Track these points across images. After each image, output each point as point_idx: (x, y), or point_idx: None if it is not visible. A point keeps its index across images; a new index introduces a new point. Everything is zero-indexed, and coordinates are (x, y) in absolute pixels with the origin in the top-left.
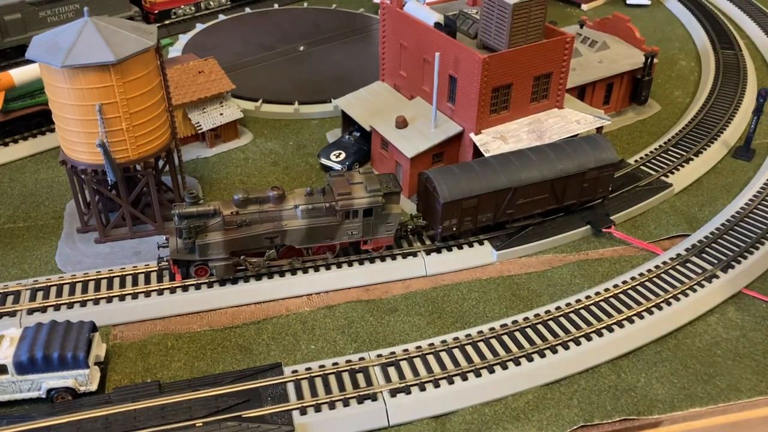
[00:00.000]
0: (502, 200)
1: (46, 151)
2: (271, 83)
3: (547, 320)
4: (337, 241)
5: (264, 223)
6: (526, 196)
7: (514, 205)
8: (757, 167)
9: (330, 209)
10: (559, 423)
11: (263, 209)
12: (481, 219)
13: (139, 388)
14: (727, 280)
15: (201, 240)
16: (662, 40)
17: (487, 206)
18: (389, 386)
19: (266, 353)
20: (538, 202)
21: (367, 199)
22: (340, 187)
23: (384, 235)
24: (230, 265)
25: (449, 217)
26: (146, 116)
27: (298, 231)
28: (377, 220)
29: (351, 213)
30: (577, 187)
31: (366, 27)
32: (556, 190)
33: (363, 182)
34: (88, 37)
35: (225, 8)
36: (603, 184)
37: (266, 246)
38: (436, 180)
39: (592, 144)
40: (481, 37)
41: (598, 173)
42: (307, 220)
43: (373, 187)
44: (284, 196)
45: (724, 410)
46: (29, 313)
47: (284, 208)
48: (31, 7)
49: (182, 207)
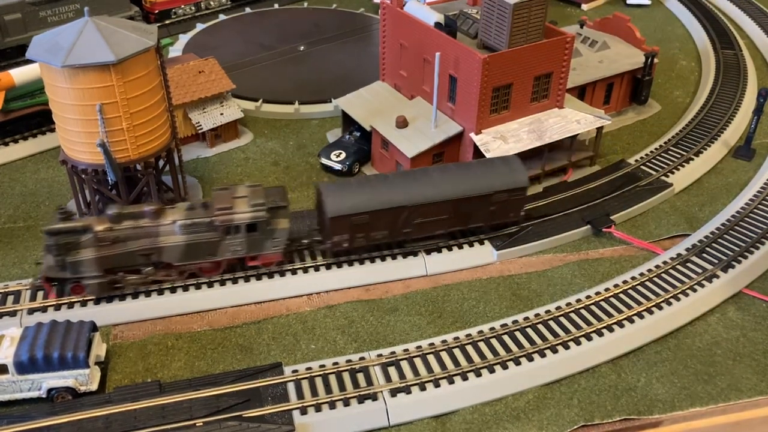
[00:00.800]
0: (397, 218)
1: (46, 151)
2: (272, 83)
3: (548, 320)
4: (220, 258)
5: (140, 239)
6: (425, 216)
7: (412, 224)
8: (757, 167)
9: (210, 224)
10: (560, 423)
11: (139, 224)
12: (375, 236)
13: (139, 387)
14: (728, 280)
15: (72, 257)
16: (662, 40)
17: (381, 223)
18: (389, 386)
19: (266, 353)
20: (439, 222)
21: (249, 214)
22: (221, 201)
23: (271, 251)
24: (105, 283)
25: (339, 232)
26: (146, 116)
27: (176, 247)
28: (263, 235)
29: (232, 228)
30: (483, 209)
31: (366, 27)
32: (460, 211)
33: (247, 196)
34: (89, 36)
35: (225, 8)
36: (513, 208)
37: (142, 263)
38: (326, 193)
39: (502, 166)
40: (482, 37)
41: (506, 196)
42: (186, 236)
43: (257, 202)
44: (163, 211)
45: (724, 410)
46: (30, 312)
47: (162, 224)
48: (32, 7)
49: (51, 223)
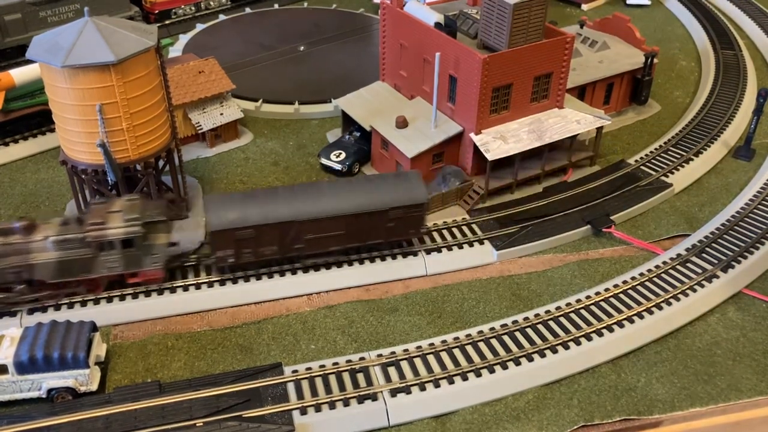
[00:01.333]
0: (286, 233)
1: (46, 151)
2: (271, 83)
3: (547, 320)
4: (96, 275)
5: (9, 256)
6: (316, 232)
7: (302, 240)
8: (757, 167)
9: (83, 240)
10: (560, 423)
11: (7, 242)
12: (263, 252)
13: (139, 388)
14: (727, 280)
15: None
16: (662, 40)
17: (269, 239)
18: (389, 386)
19: (266, 353)
20: (333, 238)
21: (122, 229)
22: (94, 216)
23: (151, 267)
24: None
25: (223, 247)
26: (146, 116)
27: (48, 264)
28: (140, 251)
29: (106, 244)
30: (380, 225)
31: (366, 27)
32: (354, 227)
33: (122, 210)
34: (89, 37)
35: (225, 8)
36: (412, 224)
37: (12, 281)
38: (208, 207)
39: (399, 182)
40: (482, 37)
41: (404, 212)
42: (58, 253)
43: (131, 216)
44: (35, 227)
45: (724, 410)
46: (30, 312)
47: (33, 240)
48: (32, 7)
49: None
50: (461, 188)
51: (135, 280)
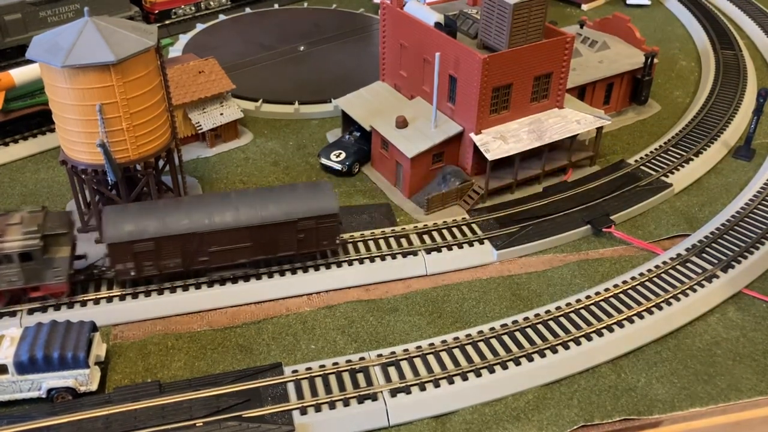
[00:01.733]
0: (188, 246)
1: (46, 151)
2: (271, 83)
3: (547, 320)
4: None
5: None
6: (221, 244)
7: (207, 252)
8: (757, 167)
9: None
10: (560, 423)
11: None
12: (166, 264)
13: (139, 388)
14: (727, 280)
15: None
16: (662, 40)
17: (171, 251)
18: (389, 386)
19: (266, 353)
20: (240, 251)
21: (19, 242)
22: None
23: (53, 281)
24: None
25: (122, 260)
26: (146, 116)
27: None
28: (40, 265)
29: (3, 258)
30: (289, 237)
31: (366, 27)
32: (261, 239)
33: (21, 223)
34: (89, 37)
35: (225, 8)
36: (325, 235)
37: None
38: (104, 218)
39: (309, 192)
40: (482, 37)
41: (314, 224)
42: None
43: (29, 229)
44: None
45: (724, 410)
46: (30, 313)
47: None
48: (32, 7)
49: None
50: (461, 188)
51: (37, 294)
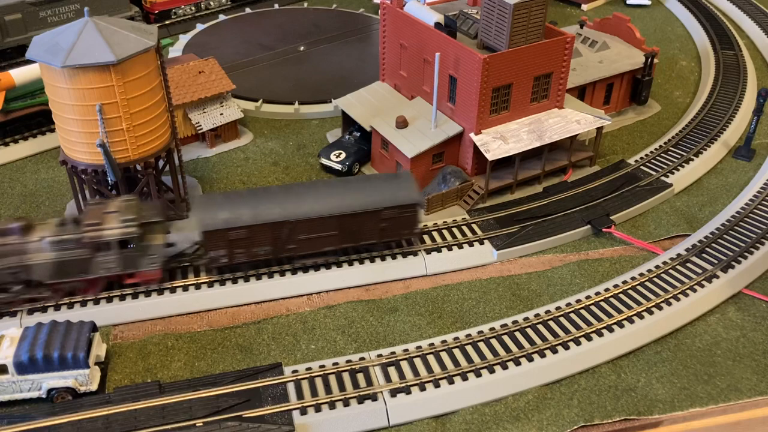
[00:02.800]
0: (279, 234)
1: (46, 151)
2: (271, 83)
3: (547, 320)
4: (94, 276)
5: (6, 257)
6: (310, 232)
7: (296, 240)
8: (757, 167)
9: (79, 241)
10: (559, 423)
11: (5, 242)
12: (257, 252)
13: (139, 388)
14: (727, 280)
15: None
16: (662, 40)
17: (262, 239)
18: (389, 386)
19: (266, 353)
20: (326, 239)
21: (119, 230)
22: (91, 217)
23: (148, 268)
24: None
25: (215, 248)
26: (146, 116)
27: (45, 265)
28: (137, 252)
29: (102, 245)
30: (373, 226)
31: (366, 27)
32: (347, 228)
33: (119, 211)
34: (89, 37)
35: (225, 8)
36: (405, 225)
37: (9, 281)
38: (199, 207)
39: (392, 183)
40: (482, 37)
41: (397, 213)
42: (55, 254)
43: (127, 217)
44: (31, 228)
45: (724, 410)
46: (29, 313)
47: (29, 241)
48: (32, 7)
49: None
50: (461, 188)
51: (132, 281)
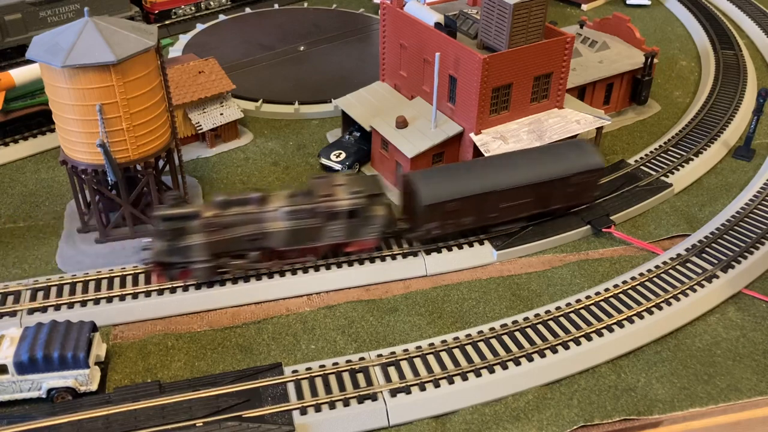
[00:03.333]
0: (485, 203)
1: (46, 151)
2: (271, 83)
3: (547, 320)
4: (320, 243)
5: (246, 225)
6: (510, 200)
7: (498, 209)
8: (757, 167)
9: (313, 211)
10: (559, 423)
11: (245, 211)
12: (464, 222)
13: (139, 388)
14: (727, 280)
15: (182, 242)
16: (662, 40)
17: (469, 209)
18: (389, 386)
19: (266, 353)
20: (523, 206)
21: (350, 201)
22: (323, 189)
23: (367, 237)
24: (212, 268)
25: (431, 220)
26: (146, 116)
27: (281, 233)
28: (361, 222)
29: (334, 215)
30: (562, 191)
31: (366, 27)
32: (541, 194)
33: (346, 184)
34: (89, 37)
35: (225, 8)
36: (588, 189)
37: (248, 248)
38: (418, 182)
39: (577, 149)
40: (482, 37)
41: (583, 178)
42: (290, 222)
43: (356, 189)
44: (267, 198)
45: (724, 410)
46: (29, 312)
47: (267, 210)
48: (32, 7)
49: (163, 209)
50: None
51: (350, 249)
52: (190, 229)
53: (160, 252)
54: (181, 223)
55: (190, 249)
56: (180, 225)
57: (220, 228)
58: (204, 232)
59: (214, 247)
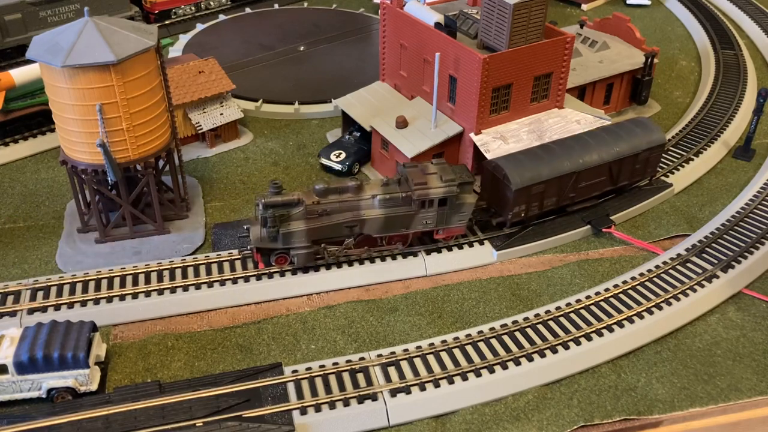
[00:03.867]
0: (566, 184)
1: (46, 151)
2: (271, 83)
3: (547, 320)
4: (412, 230)
5: (344, 212)
6: (587, 180)
7: (576, 189)
8: (757, 167)
9: (406, 199)
10: (559, 423)
11: (343, 199)
12: (547, 204)
13: (139, 388)
14: (727, 280)
15: (284, 228)
16: (662, 40)
17: (552, 191)
18: (389, 386)
19: (266, 353)
20: (597, 184)
21: (443, 189)
22: (416, 177)
23: (457, 224)
24: (311, 253)
25: (519, 203)
26: (146, 116)
27: (376, 220)
28: (451, 209)
29: (427, 202)
30: (630, 168)
31: (366, 27)
32: (613, 172)
33: (438, 172)
34: (89, 37)
35: (225, 8)
36: (652, 165)
37: (345, 234)
38: (507, 167)
39: (641, 126)
40: (482, 37)
41: (649, 154)
42: (384, 210)
43: (448, 177)
44: (362, 187)
45: (724, 410)
46: (29, 312)
47: (362, 198)
48: (32, 7)
49: (267, 196)
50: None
51: (440, 236)
52: (292, 215)
53: (262, 238)
54: (284, 210)
55: (291, 235)
56: (283, 212)
57: (319, 215)
58: (305, 219)
59: (314, 234)
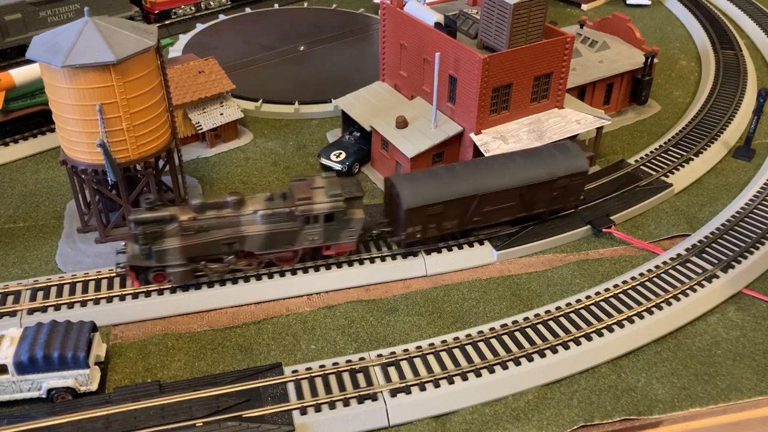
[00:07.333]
0: (468, 207)
1: (46, 151)
2: (271, 83)
3: (547, 320)
4: (298, 247)
5: (222, 228)
6: (493, 204)
7: (481, 213)
8: (757, 167)
9: (290, 214)
10: (559, 423)
11: (221, 215)
12: (446, 226)
13: (139, 388)
14: (727, 280)
15: (158, 246)
16: (662, 40)
17: (452, 213)
18: (389, 386)
19: (266, 353)
20: (506, 209)
21: (327, 204)
22: (300, 192)
23: (346, 240)
24: (188, 271)
25: (413, 224)
26: (146, 116)
27: (258, 236)
28: (339, 225)
29: (311, 218)
30: (546, 195)
31: (366, 27)
32: (525, 198)
33: (324, 187)
34: (89, 37)
35: (225, 8)
36: (574, 193)
37: (224, 252)
38: (400, 186)
39: (562, 151)
40: (482, 37)
41: (568, 181)
42: (266, 226)
43: (334, 192)
44: (244, 201)
45: (724, 410)
46: (29, 312)
47: (243, 214)
48: (32, 7)
49: (137, 213)
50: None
51: (329, 253)
52: (166, 232)
53: (135, 256)
54: (156, 227)
55: (165, 253)
56: (155, 229)
57: (196, 232)
58: (180, 236)
59: (190, 251)
